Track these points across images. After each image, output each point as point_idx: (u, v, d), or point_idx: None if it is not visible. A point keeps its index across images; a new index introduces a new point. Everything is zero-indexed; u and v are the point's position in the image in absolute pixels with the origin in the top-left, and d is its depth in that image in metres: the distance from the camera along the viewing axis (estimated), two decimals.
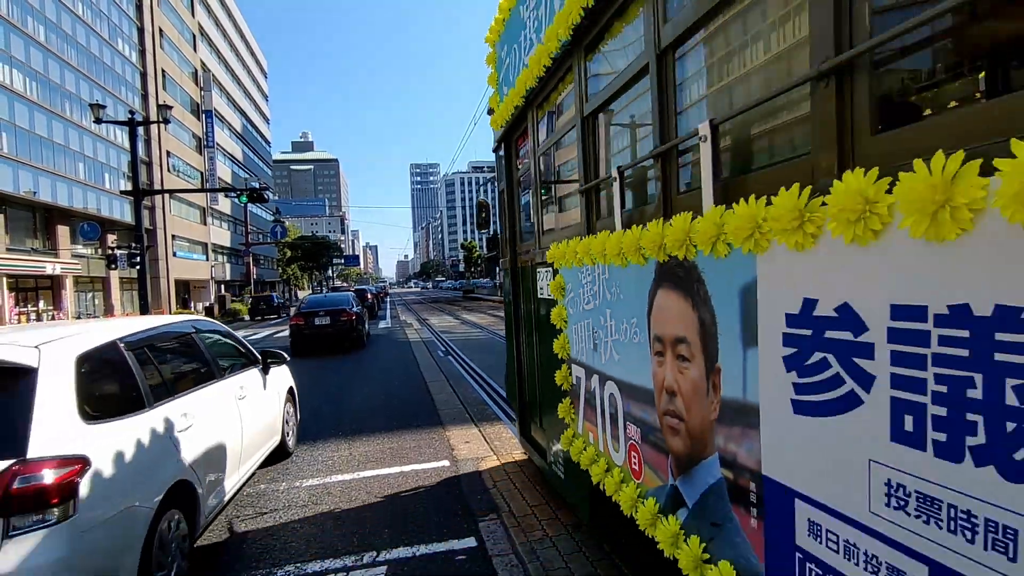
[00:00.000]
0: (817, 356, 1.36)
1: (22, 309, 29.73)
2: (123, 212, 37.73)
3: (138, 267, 21.95)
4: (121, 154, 38.26)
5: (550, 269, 3.38)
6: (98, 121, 21.69)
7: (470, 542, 3.77)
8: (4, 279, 27.73)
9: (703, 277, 1.82)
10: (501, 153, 4.71)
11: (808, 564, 1.46)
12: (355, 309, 15.78)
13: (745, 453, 1.68)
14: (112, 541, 2.66)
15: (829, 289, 1.31)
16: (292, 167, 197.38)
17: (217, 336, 4.90)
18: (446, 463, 5.38)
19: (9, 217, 28.47)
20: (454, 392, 8.50)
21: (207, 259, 52.69)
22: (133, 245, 22.25)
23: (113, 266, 22.84)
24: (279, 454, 5.63)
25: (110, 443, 2.82)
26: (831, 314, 1.31)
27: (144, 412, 3.20)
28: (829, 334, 1.32)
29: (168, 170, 44.45)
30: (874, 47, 1.25)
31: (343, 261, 74.97)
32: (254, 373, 5.09)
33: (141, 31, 43.36)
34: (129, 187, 26.83)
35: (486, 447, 5.72)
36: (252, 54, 77.10)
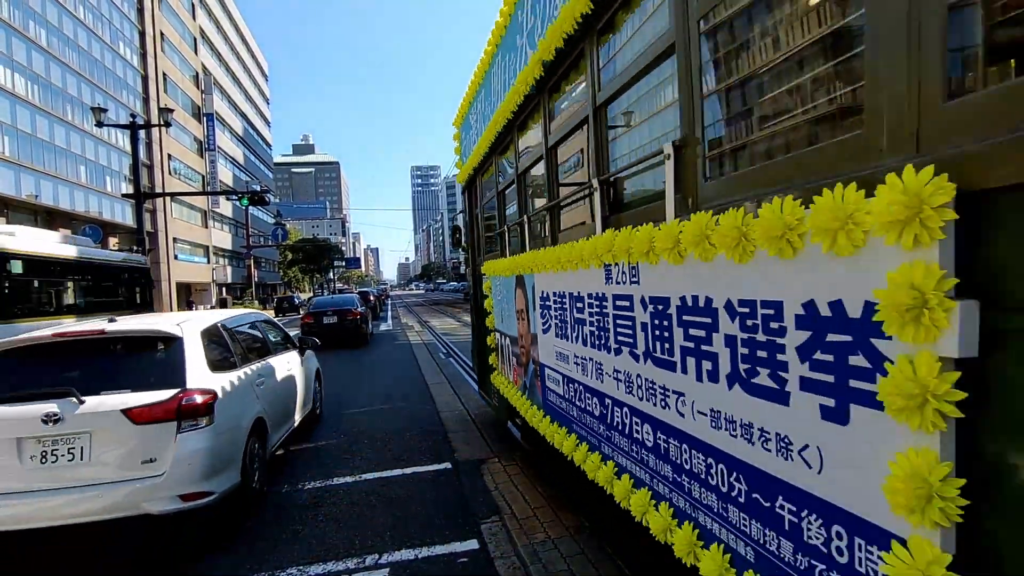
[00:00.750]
0: (543, 311, 3.58)
1: None
2: (124, 215, 37.86)
3: None
4: (122, 157, 38.40)
5: (486, 276, 5.57)
6: (99, 124, 21.76)
7: (472, 544, 3.77)
8: None
9: (525, 282, 3.99)
10: (465, 196, 6.95)
11: (548, 385, 3.69)
12: (360, 309, 17.42)
13: (536, 355, 3.89)
14: (230, 443, 4.22)
15: (542, 287, 3.55)
16: (293, 170, 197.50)
17: (269, 325, 6.53)
18: (448, 465, 5.38)
19: (11, 220, 28.58)
20: (455, 394, 8.49)
21: (208, 262, 52.81)
22: (134, 248, 22.28)
23: None
24: (312, 420, 7.12)
25: (224, 385, 4.30)
26: (543, 295, 3.56)
27: (236, 370, 4.69)
28: (544, 303, 3.53)
29: (169, 173, 44.60)
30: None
31: (344, 264, 74.91)
32: (295, 355, 6.61)
33: (142, 34, 43.56)
34: (130, 190, 26.88)
35: (487, 449, 5.71)
36: (253, 57, 77.31)
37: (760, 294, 1.53)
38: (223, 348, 4.72)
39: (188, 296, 48.45)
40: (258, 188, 38.12)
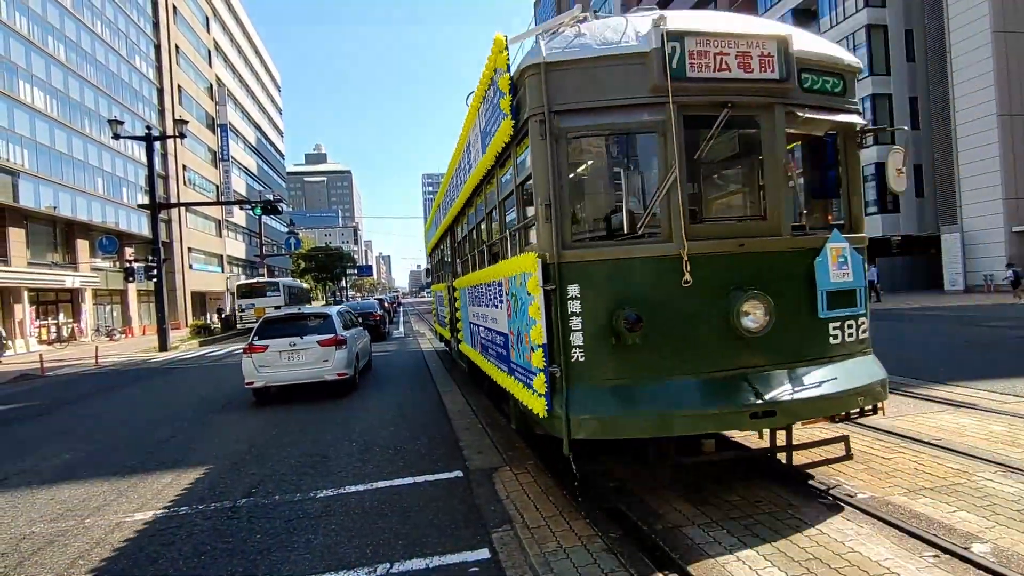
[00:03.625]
0: (437, 301, 14.72)
1: (43, 322, 30.27)
2: (140, 225, 38.41)
3: (155, 280, 22.28)
4: (138, 168, 39.05)
5: (431, 291, 18.43)
6: (116, 137, 22.15)
7: (483, 554, 3.72)
8: (26, 292, 28.32)
9: (435, 292, 15.19)
10: (429, 256, 15.13)
11: (440, 315, 13.64)
12: (379, 312, 23.88)
13: (438, 311, 14.05)
14: (351, 358, 9.97)
15: (437, 294, 14.78)
16: (306, 179, 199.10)
17: (349, 310, 12.85)
18: (459, 473, 5.35)
19: (31, 232, 29.15)
20: (466, 402, 8.47)
21: (223, 271, 53.40)
22: (150, 258, 22.60)
23: (131, 279, 23.22)
24: (367, 367, 12.53)
25: (347, 335, 10.06)
26: (437, 297, 14.60)
27: (348, 330, 10.48)
28: (437, 299, 14.90)
29: (184, 184, 45.26)
30: None
31: (356, 271, 75.25)
32: (361, 328, 12.45)
33: (158, 48, 44.38)
34: (146, 201, 27.29)
35: (499, 457, 5.67)
36: (266, 68, 78.39)
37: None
38: (343, 320, 10.47)
39: (204, 305, 48.91)
40: (271, 197, 38.49)
